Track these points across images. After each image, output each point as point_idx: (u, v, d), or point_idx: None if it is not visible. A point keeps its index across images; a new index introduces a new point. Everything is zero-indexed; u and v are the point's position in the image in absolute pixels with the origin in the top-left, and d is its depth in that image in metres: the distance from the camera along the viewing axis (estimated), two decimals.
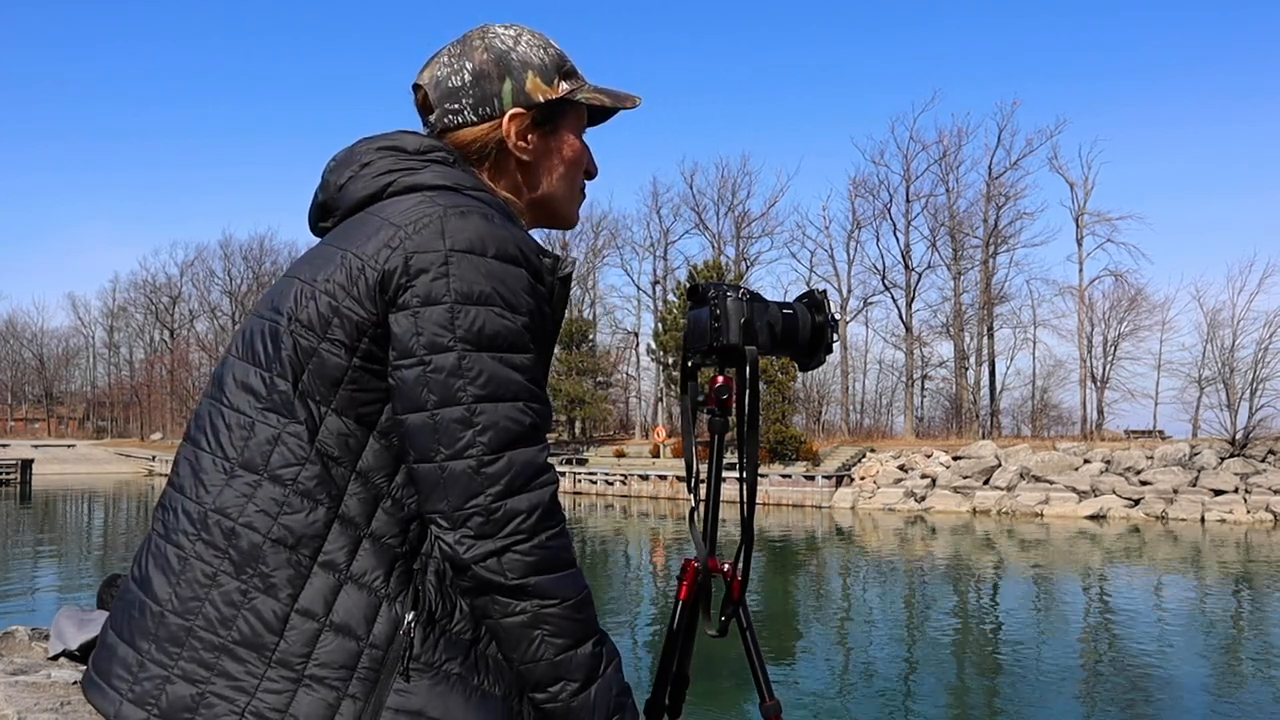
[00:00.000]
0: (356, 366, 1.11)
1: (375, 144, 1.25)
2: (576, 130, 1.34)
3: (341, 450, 1.12)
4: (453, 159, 1.25)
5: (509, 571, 1.07)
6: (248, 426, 1.14)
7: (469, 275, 1.08)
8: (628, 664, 2.34)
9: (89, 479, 50.10)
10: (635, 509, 32.92)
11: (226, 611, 1.09)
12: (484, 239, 1.10)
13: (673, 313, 43.62)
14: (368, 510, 1.12)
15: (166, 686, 1.08)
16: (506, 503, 1.07)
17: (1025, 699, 9.43)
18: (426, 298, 1.08)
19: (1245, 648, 12.10)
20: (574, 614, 1.11)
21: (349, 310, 1.11)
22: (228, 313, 71.23)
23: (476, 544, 1.07)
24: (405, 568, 1.12)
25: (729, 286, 1.61)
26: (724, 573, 1.69)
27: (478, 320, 1.08)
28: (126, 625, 1.15)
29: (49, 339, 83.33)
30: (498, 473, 1.07)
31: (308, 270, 1.17)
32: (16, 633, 1.65)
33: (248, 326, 1.21)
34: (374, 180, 1.21)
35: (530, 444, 1.10)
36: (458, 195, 1.17)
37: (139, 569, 1.17)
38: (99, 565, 18.74)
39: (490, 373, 1.08)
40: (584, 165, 1.37)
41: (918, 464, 33.59)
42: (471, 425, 1.07)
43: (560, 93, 1.29)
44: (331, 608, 1.09)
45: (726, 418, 1.66)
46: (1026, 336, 48.99)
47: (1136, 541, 23.17)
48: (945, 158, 47.37)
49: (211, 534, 1.11)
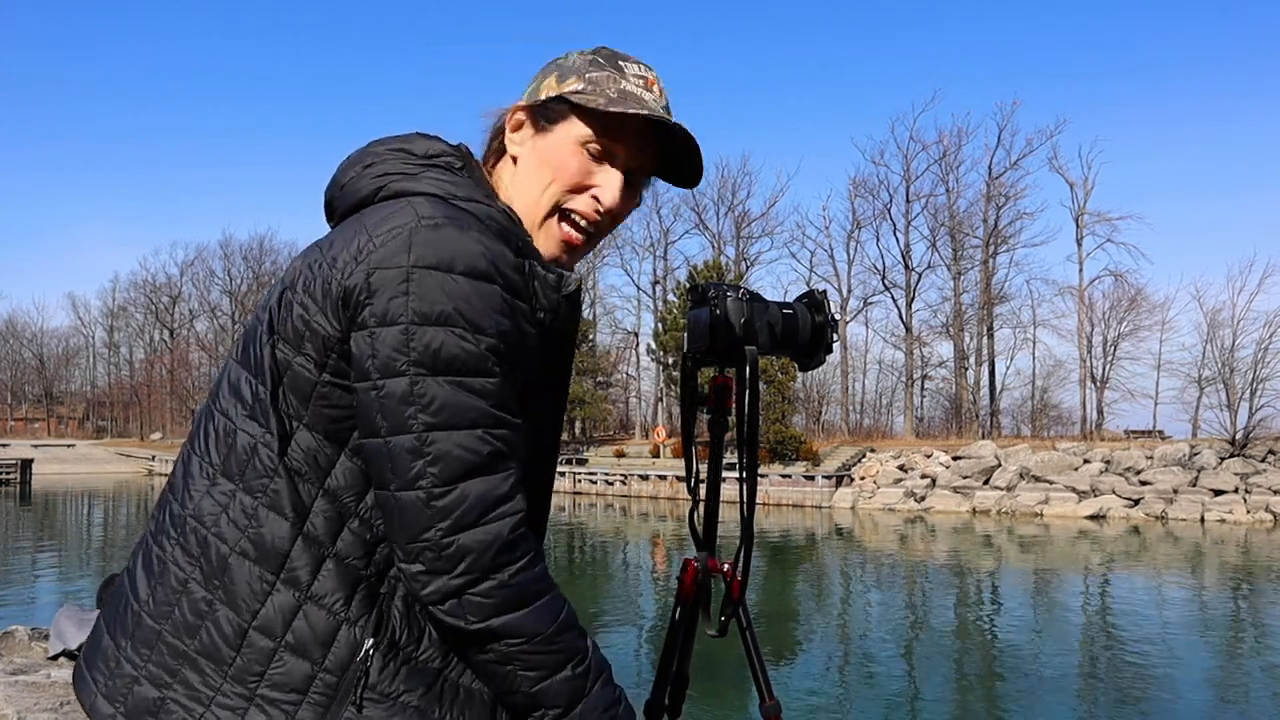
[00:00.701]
0: (325, 382, 1.07)
1: (387, 144, 1.21)
2: (573, 136, 1.21)
3: (309, 466, 1.08)
4: (460, 165, 1.20)
5: (470, 615, 1.02)
6: (231, 434, 1.12)
7: (429, 294, 1.02)
8: (628, 664, 2.34)
9: (89, 479, 50.08)
10: (635, 509, 32.91)
11: (193, 620, 1.08)
12: (453, 253, 1.03)
13: (673, 313, 43.62)
14: (333, 529, 1.08)
15: (134, 687, 1.09)
16: (458, 538, 1.01)
17: (1025, 699, 9.42)
18: (383, 317, 1.02)
19: (1245, 648, 12.10)
20: (546, 647, 1.06)
21: (318, 325, 1.07)
22: (228, 313, 71.25)
23: (430, 580, 1.02)
24: (370, 591, 1.08)
25: (729, 286, 1.61)
26: (724, 573, 1.69)
27: (434, 342, 1.01)
28: (113, 619, 1.16)
29: (49, 339, 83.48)
30: (448, 506, 1.01)
31: (295, 272, 1.13)
32: (16, 633, 1.65)
33: (249, 325, 1.18)
34: (371, 181, 1.17)
35: (488, 474, 1.03)
36: (442, 205, 1.10)
37: (131, 564, 1.17)
38: (99, 565, 18.73)
39: (444, 399, 1.02)
40: (565, 174, 1.21)
41: (917, 464, 33.57)
42: (422, 455, 1.01)
43: (560, 90, 1.21)
44: (289, 627, 1.06)
45: (726, 418, 1.66)
46: (1026, 336, 49.03)
47: (1136, 542, 23.15)
48: (945, 158, 47.43)
49: (188, 540, 1.10)
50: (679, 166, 1.28)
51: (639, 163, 1.25)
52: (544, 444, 1.25)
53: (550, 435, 1.27)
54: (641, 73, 1.23)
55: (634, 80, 1.22)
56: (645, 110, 1.19)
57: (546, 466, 1.28)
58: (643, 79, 1.23)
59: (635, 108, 1.18)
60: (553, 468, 1.30)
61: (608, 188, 1.22)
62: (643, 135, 1.23)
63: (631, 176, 1.25)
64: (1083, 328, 44.20)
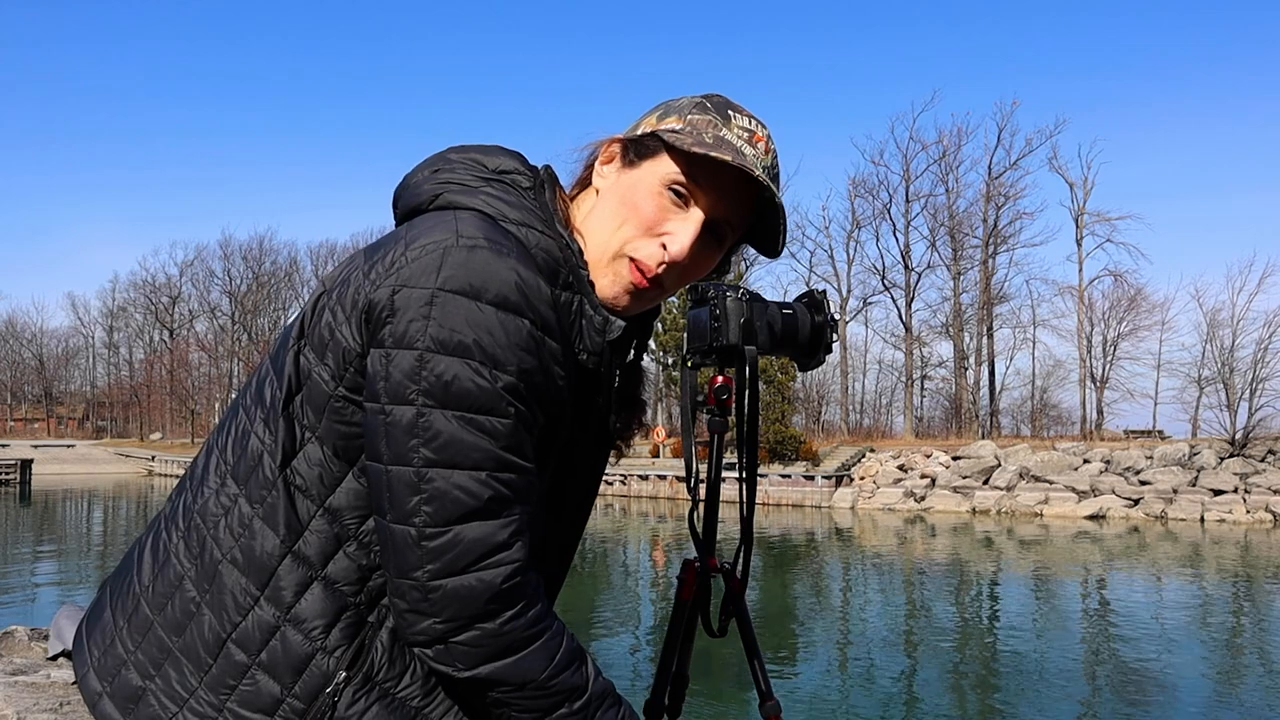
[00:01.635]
0: (340, 396, 1.03)
1: (463, 152, 1.16)
2: (657, 175, 1.13)
3: (313, 482, 1.05)
4: (527, 185, 1.13)
5: (458, 662, 0.99)
6: (246, 435, 1.09)
7: (451, 321, 0.96)
8: (628, 664, 2.32)
9: (88, 479, 50.05)
10: (635, 509, 32.89)
11: (181, 619, 1.07)
12: (484, 280, 0.97)
13: (672, 313, 43.60)
14: (327, 551, 1.04)
15: (123, 670, 1.09)
16: (445, 584, 0.96)
17: (1025, 699, 9.41)
18: (401, 339, 0.97)
19: (1244, 648, 12.10)
20: (540, 691, 1.02)
21: (342, 336, 1.03)
22: (227, 313, 71.32)
23: (416, 620, 0.98)
24: (355, 619, 1.04)
25: (729, 286, 1.61)
26: (724, 573, 1.69)
27: (447, 374, 0.96)
28: (117, 591, 1.16)
29: (49, 339, 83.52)
30: (439, 549, 0.96)
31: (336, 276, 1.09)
32: (16, 633, 1.65)
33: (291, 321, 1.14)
34: (432, 187, 1.12)
35: (485, 518, 0.97)
36: (487, 225, 1.03)
37: (143, 539, 1.17)
38: (99, 565, 18.72)
39: (448, 435, 0.96)
40: (639, 215, 1.13)
41: (917, 464, 33.56)
42: (419, 492, 0.96)
43: (657, 127, 1.13)
44: (265, 646, 1.03)
45: (726, 418, 1.66)
46: (1026, 336, 49.18)
47: (1136, 541, 23.15)
48: (945, 158, 47.43)
49: (190, 537, 1.09)
50: (765, 232, 1.19)
51: (723, 217, 1.15)
52: (576, 488, 1.21)
53: (587, 479, 1.23)
54: (749, 126, 1.14)
55: (738, 131, 1.13)
56: (732, 157, 1.09)
57: (576, 512, 1.23)
58: (749, 133, 1.14)
59: (725, 154, 1.09)
60: (586, 512, 1.25)
61: (679, 235, 1.12)
62: (732, 190, 1.13)
63: (714, 230, 1.15)
64: (1082, 328, 44.24)
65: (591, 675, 1.07)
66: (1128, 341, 44.14)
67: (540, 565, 1.07)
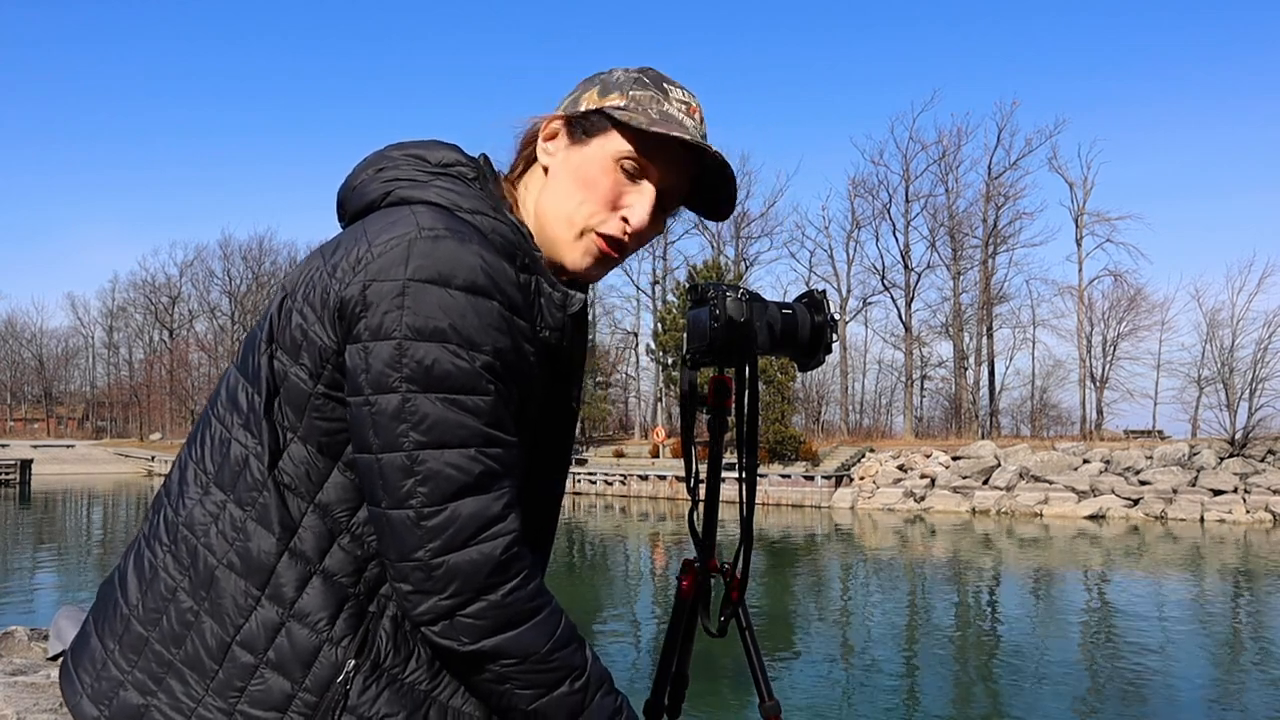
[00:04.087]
0: (319, 394, 1.06)
1: (404, 149, 1.20)
2: (609, 152, 1.18)
3: (300, 480, 1.07)
4: (473, 176, 1.18)
5: (463, 636, 1.02)
6: (226, 443, 1.11)
7: (424, 309, 1.00)
8: (627, 664, 2.33)
9: (88, 479, 50.05)
10: (635, 509, 32.90)
11: (179, 630, 1.07)
12: (451, 267, 1.01)
13: (672, 313, 43.59)
14: (322, 545, 1.07)
15: (120, 691, 1.09)
16: (448, 559, 1.00)
17: (1025, 699, 9.42)
18: (377, 331, 1.01)
19: (1244, 648, 12.10)
20: (542, 665, 1.05)
21: (315, 335, 1.06)
22: (227, 313, 71.20)
23: (421, 600, 1.01)
24: (356, 609, 1.07)
25: (729, 286, 1.61)
26: (723, 573, 1.69)
27: (427, 359, 1.00)
28: (101, 619, 1.15)
29: (48, 339, 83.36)
30: (438, 526, 1.00)
31: (296, 279, 1.11)
32: (16, 633, 1.65)
33: (250, 331, 1.16)
34: (381, 186, 1.15)
35: (479, 493, 1.02)
36: (445, 215, 1.08)
37: (122, 564, 1.17)
38: (98, 565, 18.72)
39: (435, 417, 1.00)
40: (598, 192, 1.18)
41: (917, 464, 33.57)
42: (412, 474, 1.00)
43: (601, 104, 1.19)
44: (271, 644, 1.05)
45: (726, 418, 1.66)
46: (1026, 336, 49.08)
47: (1136, 541, 23.16)
48: (945, 158, 47.36)
49: (179, 549, 1.10)
50: (710, 197, 1.27)
51: (669, 187, 1.22)
52: (550, 462, 1.23)
53: (557, 454, 1.25)
54: (685, 98, 1.22)
55: (677, 104, 1.20)
56: (685, 134, 1.16)
57: (552, 485, 1.26)
58: (685, 104, 1.22)
59: (677, 131, 1.16)
60: (560, 487, 1.28)
61: (638, 208, 1.19)
62: (677, 161, 1.21)
63: (661, 200, 1.22)
64: (1082, 328, 44.20)
65: (590, 658, 1.11)
66: (1127, 341, 44.15)
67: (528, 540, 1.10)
